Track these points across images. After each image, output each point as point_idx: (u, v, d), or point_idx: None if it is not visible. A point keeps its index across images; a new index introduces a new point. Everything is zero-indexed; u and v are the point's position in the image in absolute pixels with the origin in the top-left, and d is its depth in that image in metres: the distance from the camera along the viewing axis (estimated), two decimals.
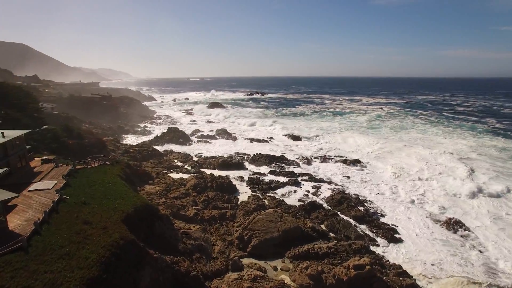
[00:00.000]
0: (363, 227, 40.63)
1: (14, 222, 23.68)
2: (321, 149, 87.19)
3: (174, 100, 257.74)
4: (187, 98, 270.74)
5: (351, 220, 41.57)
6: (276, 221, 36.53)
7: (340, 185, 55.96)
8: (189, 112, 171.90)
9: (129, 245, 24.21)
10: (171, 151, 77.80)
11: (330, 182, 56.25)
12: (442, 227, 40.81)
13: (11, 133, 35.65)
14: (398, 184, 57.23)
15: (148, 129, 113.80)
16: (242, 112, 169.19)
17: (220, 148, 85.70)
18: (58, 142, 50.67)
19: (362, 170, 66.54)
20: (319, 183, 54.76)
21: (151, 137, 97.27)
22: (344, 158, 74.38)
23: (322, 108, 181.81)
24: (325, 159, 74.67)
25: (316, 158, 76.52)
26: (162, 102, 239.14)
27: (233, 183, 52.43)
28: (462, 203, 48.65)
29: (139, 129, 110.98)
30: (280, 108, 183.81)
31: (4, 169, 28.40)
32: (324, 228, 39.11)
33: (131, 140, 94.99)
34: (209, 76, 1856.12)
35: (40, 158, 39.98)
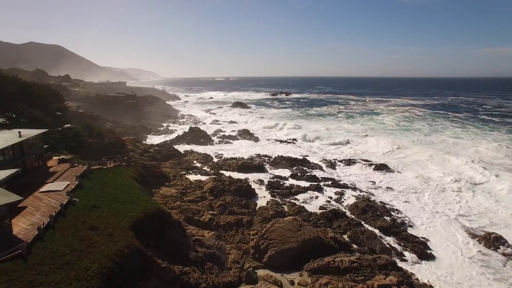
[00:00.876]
0: (389, 239, 37.39)
1: (19, 225, 22.89)
2: (346, 152, 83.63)
3: (199, 99, 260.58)
4: (211, 98, 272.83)
5: (376, 231, 38.42)
6: (295, 230, 34.17)
7: (365, 192, 52.61)
8: (212, 112, 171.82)
9: (135, 254, 22.78)
10: (192, 152, 77.06)
11: (354, 188, 53.00)
12: (481, 243, 36.80)
13: (28, 133, 35.51)
14: (429, 192, 53.00)
15: (170, 128, 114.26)
16: (266, 112, 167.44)
17: (241, 149, 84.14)
18: (78, 141, 50.71)
19: (389, 175, 62.63)
20: (343, 189, 51.67)
21: (173, 136, 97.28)
22: (370, 162, 70.59)
23: (347, 109, 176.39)
24: (349, 162, 71.26)
25: (340, 161, 73.21)
26: (186, 101, 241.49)
27: (252, 186, 50.43)
28: (504, 217, 43.99)
29: (162, 128, 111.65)
30: (304, 108, 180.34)
31: (15, 170, 27.81)
32: (346, 239, 36.31)
33: (152, 139, 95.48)
34: (234, 75, 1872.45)
35: (57, 158, 39.76)
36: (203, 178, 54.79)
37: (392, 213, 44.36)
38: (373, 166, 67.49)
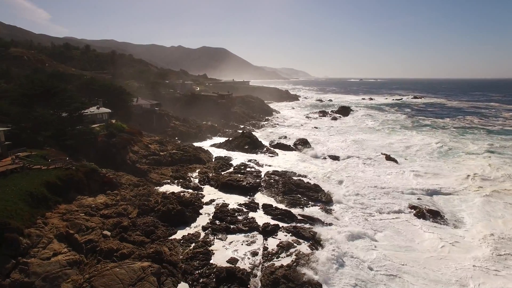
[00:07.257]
0: None
1: None
2: (416, 187, 59.93)
3: (316, 100, 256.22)
4: (330, 100, 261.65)
5: None
6: (127, 284, 27.01)
7: (335, 249, 37.08)
8: (309, 116, 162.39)
9: None
10: (219, 158, 74.16)
11: (319, 242, 37.72)
12: None
13: None
14: None
15: (239, 131, 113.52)
16: (366, 119, 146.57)
17: (274, 163, 74.76)
18: (80, 140, 55.73)
19: (436, 227, 43.02)
20: (300, 240, 37.36)
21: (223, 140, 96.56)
22: (419, 204, 50.22)
23: (483, 122, 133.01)
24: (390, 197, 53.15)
25: (384, 193, 55.36)
26: (300, 103, 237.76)
27: (201, 212, 44.05)
28: None
29: (230, 131, 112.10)
30: (420, 117, 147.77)
31: None
32: None
33: (204, 142, 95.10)
34: (385, 77, 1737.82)
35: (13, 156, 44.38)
36: (177, 190, 51.68)
37: None
38: (419, 211, 48.26)
